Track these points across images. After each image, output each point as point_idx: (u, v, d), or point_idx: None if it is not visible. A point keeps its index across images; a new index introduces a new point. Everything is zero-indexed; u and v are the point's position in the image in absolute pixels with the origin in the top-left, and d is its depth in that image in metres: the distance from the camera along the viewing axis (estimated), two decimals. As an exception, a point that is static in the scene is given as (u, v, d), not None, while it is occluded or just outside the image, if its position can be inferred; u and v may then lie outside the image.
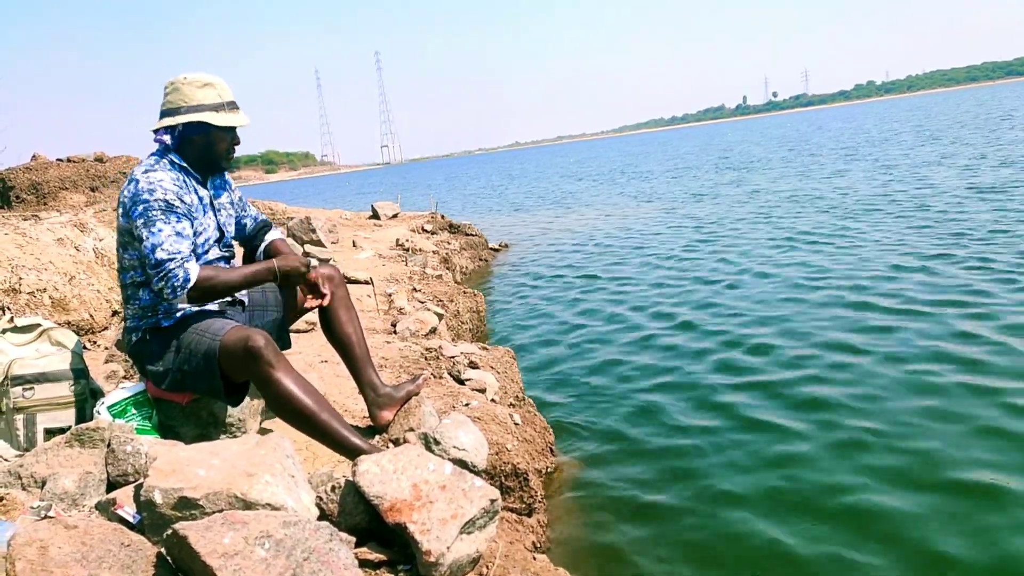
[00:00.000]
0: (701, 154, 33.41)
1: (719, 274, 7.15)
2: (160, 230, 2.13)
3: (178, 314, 2.28)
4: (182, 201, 2.21)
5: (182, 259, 2.13)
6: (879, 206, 10.02)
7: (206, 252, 2.35)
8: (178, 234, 2.15)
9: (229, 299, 2.42)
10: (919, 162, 15.17)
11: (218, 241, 2.42)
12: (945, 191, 10.47)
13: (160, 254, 2.10)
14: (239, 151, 2.49)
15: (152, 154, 2.31)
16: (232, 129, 2.35)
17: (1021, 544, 2.44)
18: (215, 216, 2.41)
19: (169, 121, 2.25)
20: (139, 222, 2.14)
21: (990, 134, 19.98)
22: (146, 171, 2.20)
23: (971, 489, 2.79)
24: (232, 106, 2.32)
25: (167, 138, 2.28)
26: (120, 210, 2.24)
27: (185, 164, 2.31)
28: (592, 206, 16.02)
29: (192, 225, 2.24)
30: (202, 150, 2.32)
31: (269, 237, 2.61)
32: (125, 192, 2.21)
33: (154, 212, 2.13)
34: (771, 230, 9.32)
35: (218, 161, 2.37)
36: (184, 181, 2.27)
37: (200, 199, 2.34)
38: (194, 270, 2.15)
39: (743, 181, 16.87)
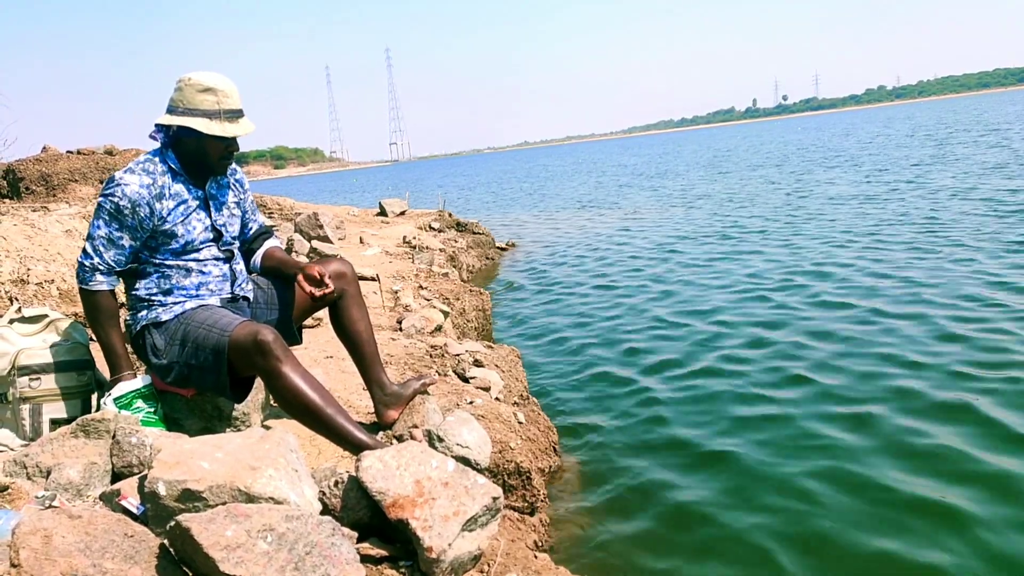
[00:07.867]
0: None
1: (729, 277, 7.15)
2: (98, 227, 2.23)
3: (178, 308, 2.30)
4: (143, 209, 2.22)
5: (96, 264, 2.23)
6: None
7: (198, 251, 2.35)
8: (110, 240, 2.23)
9: (230, 295, 2.43)
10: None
11: (215, 241, 2.40)
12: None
13: (88, 245, 2.24)
14: (249, 145, 2.47)
15: (151, 152, 2.33)
16: (226, 137, 2.30)
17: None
18: (209, 216, 2.39)
19: (165, 119, 2.26)
20: (95, 209, 2.25)
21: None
22: (127, 170, 2.25)
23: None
24: (231, 115, 2.27)
25: (160, 136, 2.29)
26: None
27: (177, 165, 2.31)
28: (604, 207, 16.00)
29: (138, 236, 2.26)
30: (194, 154, 2.31)
31: (267, 244, 2.63)
32: None
33: (102, 210, 2.22)
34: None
35: (211, 167, 2.35)
36: (165, 186, 2.28)
37: (185, 201, 2.32)
38: (98, 281, 2.24)
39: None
